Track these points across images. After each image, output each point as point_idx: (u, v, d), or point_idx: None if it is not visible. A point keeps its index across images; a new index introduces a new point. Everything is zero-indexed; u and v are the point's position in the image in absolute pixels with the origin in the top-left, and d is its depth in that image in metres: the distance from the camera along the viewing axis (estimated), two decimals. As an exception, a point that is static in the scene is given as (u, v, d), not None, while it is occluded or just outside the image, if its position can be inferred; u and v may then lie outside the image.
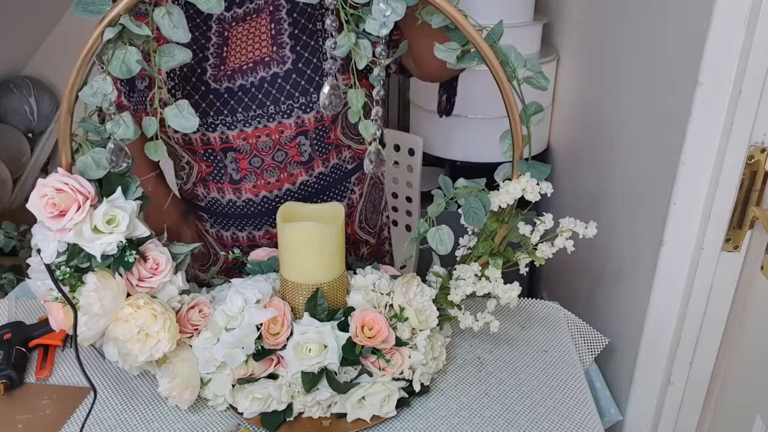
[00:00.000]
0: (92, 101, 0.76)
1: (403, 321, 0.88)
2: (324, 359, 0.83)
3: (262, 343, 0.83)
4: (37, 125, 2.43)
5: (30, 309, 1.12)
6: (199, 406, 0.90)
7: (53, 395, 0.93)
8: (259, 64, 0.99)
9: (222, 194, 1.08)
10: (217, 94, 1.00)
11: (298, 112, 1.00)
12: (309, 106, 1.00)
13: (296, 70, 0.99)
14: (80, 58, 0.74)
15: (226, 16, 1.00)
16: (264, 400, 0.85)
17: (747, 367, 0.99)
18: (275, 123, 1.00)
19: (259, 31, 1.00)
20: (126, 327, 0.82)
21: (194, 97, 1.00)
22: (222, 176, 1.06)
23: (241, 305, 0.84)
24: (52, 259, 0.81)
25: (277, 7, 1.00)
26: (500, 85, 0.81)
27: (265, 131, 1.01)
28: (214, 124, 1.01)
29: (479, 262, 0.92)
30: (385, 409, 0.87)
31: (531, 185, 0.86)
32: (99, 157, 0.82)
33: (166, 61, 0.76)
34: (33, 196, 0.80)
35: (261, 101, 0.99)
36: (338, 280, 0.88)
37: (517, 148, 0.86)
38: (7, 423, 0.88)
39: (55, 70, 2.46)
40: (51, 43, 2.42)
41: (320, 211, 0.88)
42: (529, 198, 0.87)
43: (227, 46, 1.01)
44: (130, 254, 0.82)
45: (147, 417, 0.89)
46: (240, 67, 1.00)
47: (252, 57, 1.00)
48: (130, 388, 0.94)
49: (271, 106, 0.99)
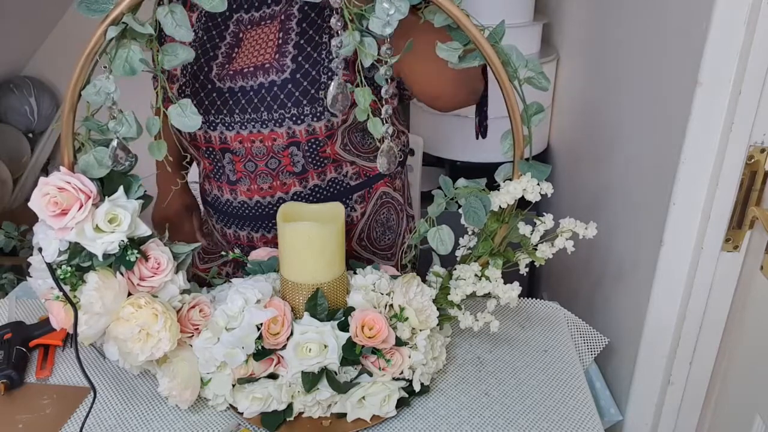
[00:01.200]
0: (95, 100, 0.76)
1: (403, 321, 0.88)
2: (324, 359, 0.83)
3: (262, 343, 0.83)
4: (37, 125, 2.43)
5: (30, 309, 1.12)
6: (199, 406, 0.90)
7: (53, 395, 0.93)
8: (259, 69, 1.00)
9: (221, 192, 1.09)
10: (220, 92, 1.01)
11: (288, 123, 0.99)
12: (300, 118, 0.99)
13: (293, 81, 0.98)
14: (83, 57, 0.74)
15: (244, 18, 1.01)
16: (264, 399, 0.85)
17: (747, 367, 0.99)
18: (268, 130, 1.00)
19: (267, 38, 1.01)
20: (127, 326, 0.82)
21: (200, 94, 1.02)
22: (221, 175, 1.07)
23: (241, 305, 0.84)
24: (53, 257, 0.81)
25: (289, 17, 1.00)
26: (501, 85, 0.81)
27: (259, 137, 1.01)
28: (215, 122, 1.02)
29: (479, 262, 0.92)
30: (385, 408, 0.87)
31: (531, 185, 0.86)
32: (101, 156, 0.82)
33: (169, 60, 0.76)
34: (35, 194, 0.80)
35: (256, 106, 0.99)
36: (338, 280, 0.88)
37: (518, 148, 0.86)
38: (7, 423, 0.88)
39: (55, 70, 2.46)
40: (51, 43, 2.42)
41: (320, 211, 0.88)
42: (529, 198, 0.87)
43: (238, 47, 1.02)
44: (132, 253, 0.82)
45: (147, 417, 0.89)
46: (242, 69, 1.00)
47: (254, 61, 1.00)
48: (130, 388, 0.95)
49: (264, 113, 0.99)
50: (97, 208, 0.81)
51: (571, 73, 1.76)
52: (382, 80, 0.77)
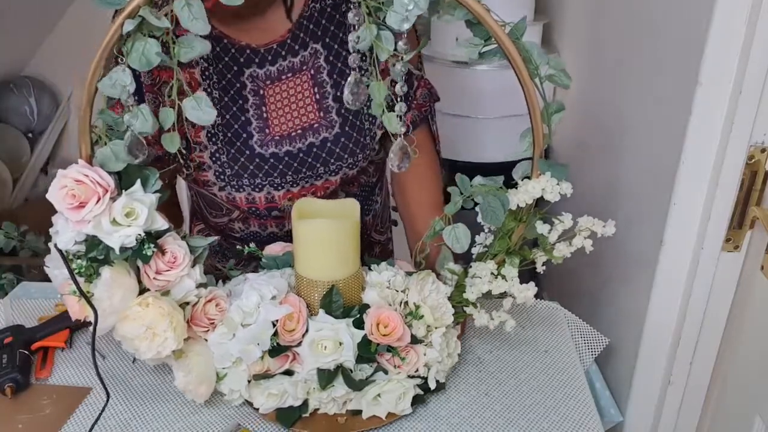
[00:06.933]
0: (111, 93, 0.75)
1: (418, 319, 0.88)
2: (340, 356, 0.83)
3: (277, 340, 0.83)
4: (37, 125, 2.43)
5: (29, 309, 1.12)
6: (199, 406, 0.90)
7: (53, 395, 0.93)
8: (308, 130, 0.99)
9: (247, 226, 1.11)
10: (263, 158, 0.99)
11: (345, 170, 1.02)
12: (355, 165, 1.02)
13: (344, 134, 0.99)
14: (100, 50, 0.73)
15: (259, 74, 0.97)
16: (280, 396, 0.85)
17: (747, 367, 0.99)
18: (322, 181, 1.02)
19: (302, 95, 0.99)
20: (134, 325, 0.82)
21: (240, 160, 0.99)
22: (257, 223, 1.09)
23: (256, 301, 0.84)
24: (68, 245, 0.80)
25: (318, 70, 0.98)
26: (522, 82, 0.79)
27: (311, 189, 1.02)
28: (262, 185, 1.01)
29: (495, 260, 0.91)
30: (401, 406, 0.87)
31: (551, 185, 0.84)
32: (118, 149, 0.80)
33: (185, 52, 0.75)
34: (53, 186, 0.78)
35: (311, 164, 1.00)
36: (353, 277, 0.87)
37: (537, 146, 0.84)
38: (7, 423, 0.88)
39: (55, 70, 2.45)
40: (51, 43, 2.42)
41: (335, 208, 0.87)
42: (548, 198, 0.84)
43: (265, 106, 0.98)
44: (149, 247, 0.81)
45: (147, 417, 0.89)
46: (288, 133, 0.99)
47: (300, 123, 0.99)
48: (131, 388, 0.94)
49: (321, 168, 1.01)
50: (114, 201, 0.80)
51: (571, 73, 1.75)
52: (399, 76, 0.76)
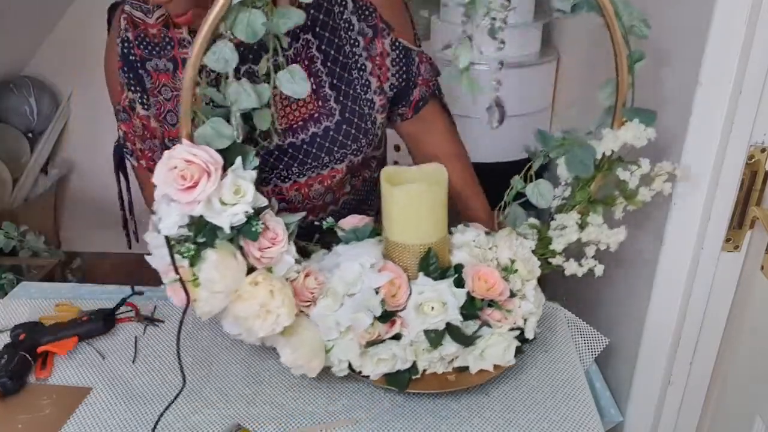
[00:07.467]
0: (215, 66, 0.75)
1: (513, 273, 0.89)
2: (447, 315, 0.84)
3: (385, 306, 0.84)
4: (37, 125, 2.43)
5: (30, 310, 1.12)
6: (198, 406, 0.90)
7: (53, 395, 0.93)
8: (308, 120, 0.99)
9: None
10: (268, 152, 0.99)
11: (350, 157, 1.02)
12: (359, 151, 1.02)
13: (345, 120, 1.00)
14: (207, 24, 0.72)
15: (254, 69, 0.96)
16: (390, 360, 0.86)
17: (747, 367, 0.99)
18: (328, 170, 1.02)
19: None
20: (247, 304, 0.81)
21: None
22: None
23: (358, 270, 0.85)
24: (172, 230, 0.78)
25: (312, 60, 0.98)
26: (611, 32, 0.83)
27: (318, 179, 1.03)
28: (268, 178, 1.01)
29: (577, 210, 0.93)
30: (506, 357, 0.89)
31: (639, 130, 0.87)
32: (218, 126, 0.79)
33: (284, 22, 0.75)
34: (159, 168, 0.76)
35: (315, 155, 1.00)
36: (444, 240, 0.89)
37: (621, 94, 0.87)
38: (6, 423, 0.88)
39: (55, 70, 2.45)
40: (51, 43, 2.42)
41: (423, 173, 0.88)
42: (636, 143, 0.87)
43: None
44: (257, 224, 0.80)
45: (147, 417, 0.89)
46: (290, 126, 0.99)
47: (300, 115, 0.99)
48: (130, 388, 0.94)
49: (326, 157, 1.01)
50: (222, 180, 0.78)
51: (571, 73, 1.76)
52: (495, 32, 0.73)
